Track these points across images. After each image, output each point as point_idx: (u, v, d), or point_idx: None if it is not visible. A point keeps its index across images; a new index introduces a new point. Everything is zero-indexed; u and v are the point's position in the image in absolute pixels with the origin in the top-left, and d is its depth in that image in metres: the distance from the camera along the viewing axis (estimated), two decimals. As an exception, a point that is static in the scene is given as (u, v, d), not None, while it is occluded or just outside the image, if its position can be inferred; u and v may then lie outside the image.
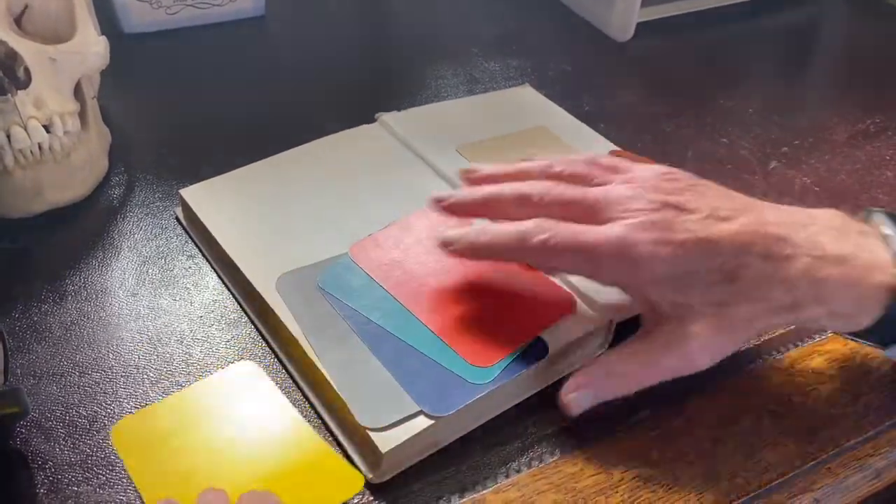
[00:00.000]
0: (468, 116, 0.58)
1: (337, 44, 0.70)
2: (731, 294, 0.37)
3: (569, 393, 0.38)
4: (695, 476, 0.38)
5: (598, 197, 0.39)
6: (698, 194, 0.39)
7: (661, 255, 0.37)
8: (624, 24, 0.70)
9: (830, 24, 0.78)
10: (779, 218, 0.38)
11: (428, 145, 0.53)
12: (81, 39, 0.51)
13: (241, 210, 0.48)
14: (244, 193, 0.49)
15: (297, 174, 0.51)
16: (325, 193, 0.49)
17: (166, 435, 0.38)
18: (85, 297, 0.45)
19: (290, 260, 0.44)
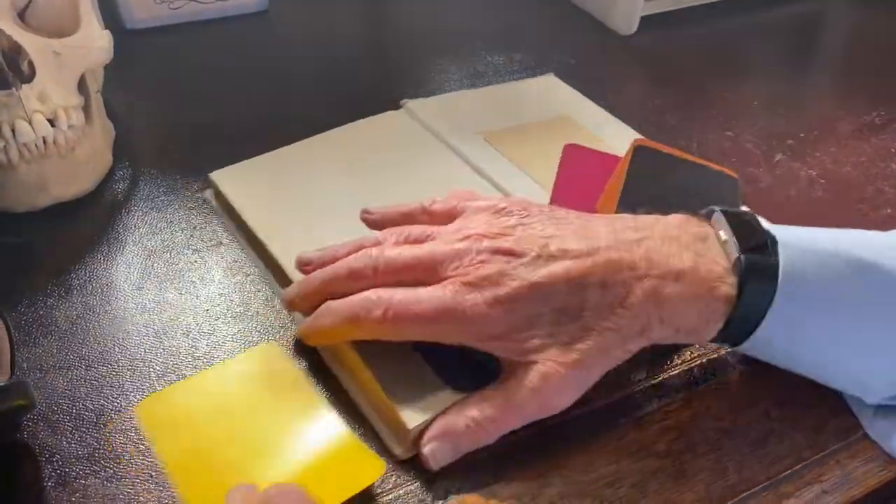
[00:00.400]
0: (493, 104, 0.58)
1: (339, 38, 0.70)
2: (577, 331, 0.36)
3: (425, 445, 0.36)
4: (703, 468, 0.38)
5: (428, 257, 0.38)
6: (527, 231, 0.38)
7: (494, 315, 0.36)
8: (628, 17, 0.70)
9: (835, 16, 0.77)
10: (613, 239, 0.37)
11: (453, 132, 0.54)
12: (85, 34, 0.51)
13: (270, 192, 0.49)
14: (272, 176, 0.50)
15: (324, 158, 0.52)
16: (352, 177, 0.50)
17: (191, 413, 0.39)
18: (90, 291, 0.45)
19: (317, 241, 0.43)
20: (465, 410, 0.37)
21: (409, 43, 0.70)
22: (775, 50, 0.67)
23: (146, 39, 0.68)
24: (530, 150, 0.48)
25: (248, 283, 0.46)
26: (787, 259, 0.36)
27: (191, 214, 0.50)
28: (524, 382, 0.36)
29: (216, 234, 0.49)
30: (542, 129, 0.55)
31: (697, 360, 0.43)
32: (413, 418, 0.37)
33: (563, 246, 0.37)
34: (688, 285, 0.36)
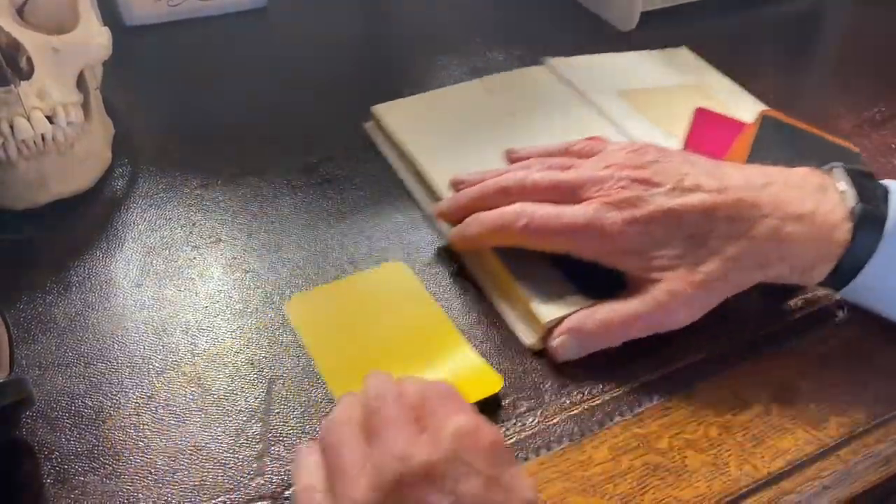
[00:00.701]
0: (630, 67, 0.63)
1: (338, 34, 0.70)
2: (703, 255, 0.40)
3: (555, 338, 0.41)
4: (704, 463, 0.38)
5: (572, 180, 0.42)
6: (665, 167, 0.41)
7: (630, 232, 0.40)
8: (628, 13, 0.70)
9: (835, 12, 0.77)
10: (743, 181, 0.41)
11: (591, 88, 0.59)
12: (84, 30, 0.51)
13: (424, 125, 0.55)
14: (426, 112, 0.56)
15: (472, 101, 0.57)
16: (497, 120, 0.56)
17: (333, 313, 0.44)
18: (90, 288, 0.45)
19: (466, 168, 0.48)
20: (595, 314, 0.41)
21: (407, 39, 0.70)
22: (775, 46, 0.67)
23: (145, 36, 0.67)
24: (663, 110, 0.54)
25: (248, 279, 0.46)
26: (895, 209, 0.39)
27: (190, 211, 0.50)
28: (651, 296, 0.40)
29: (215, 231, 0.49)
30: (674, 93, 0.59)
31: (697, 355, 0.43)
32: (546, 313, 0.41)
33: (697, 182, 0.40)
34: (807, 227, 0.39)
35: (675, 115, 0.56)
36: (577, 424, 0.39)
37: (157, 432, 0.38)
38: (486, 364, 0.41)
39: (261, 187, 0.52)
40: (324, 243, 0.48)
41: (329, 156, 0.55)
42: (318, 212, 0.51)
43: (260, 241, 0.48)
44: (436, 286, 0.46)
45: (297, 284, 0.46)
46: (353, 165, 0.55)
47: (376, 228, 0.49)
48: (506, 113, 0.56)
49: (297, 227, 0.49)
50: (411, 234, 0.49)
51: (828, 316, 0.45)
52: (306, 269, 0.47)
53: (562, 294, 0.43)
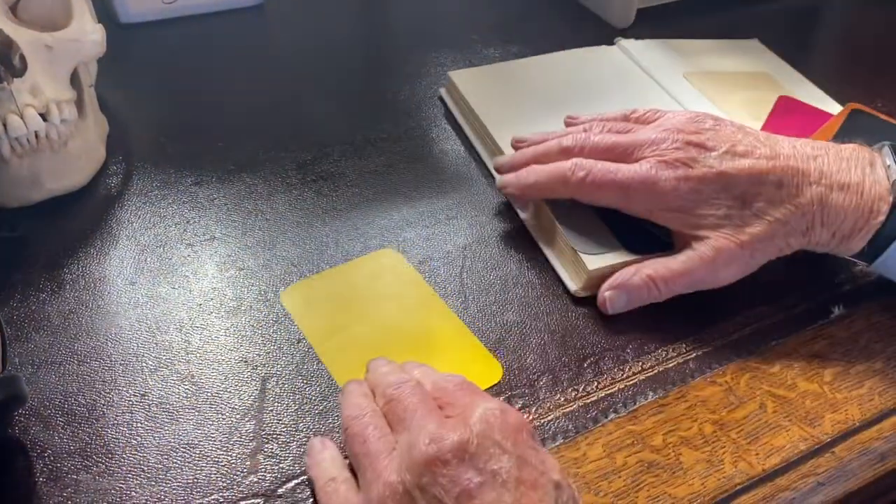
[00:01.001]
0: (698, 52, 0.65)
1: (335, 31, 0.70)
2: (749, 216, 0.41)
3: (604, 292, 0.43)
4: (698, 461, 0.37)
5: (629, 142, 0.45)
6: (720, 133, 0.43)
7: (682, 189, 0.42)
8: (624, 10, 0.70)
9: (831, 10, 0.77)
10: (793, 151, 0.42)
11: (659, 69, 0.62)
12: (78, 27, 0.50)
13: (497, 92, 0.58)
14: (501, 81, 0.59)
15: (544, 73, 0.61)
16: (565, 91, 0.59)
17: (330, 300, 0.44)
18: (83, 286, 0.45)
19: (529, 133, 0.51)
20: (642, 269, 0.43)
21: (404, 37, 0.70)
22: (772, 43, 0.67)
23: (141, 34, 0.67)
24: (728, 93, 0.57)
25: (242, 277, 0.46)
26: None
27: (184, 209, 0.50)
28: (698, 252, 0.42)
29: (209, 229, 0.49)
30: (740, 79, 0.61)
31: (693, 352, 0.43)
32: (592, 262, 0.44)
33: (749, 148, 0.42)
34: (851, 196, 0.41)
35: (741, 98, 0.58)
36: (571, 421, 0.39)
37: (150, 430, 0.38)
38: (487, 352, 0.42)
39: (255, 185, 0.52)
40: (318, 240, 0.48)
41: (324, 153, 0.55)
42: (312, 209, 0.51)
43: (254, 239, 0.48)
44: (432, 283, 0.46)
45: (292, 282, 0.45)
46: (349, 162, 0.54)
47: (371, 225, 0.49)
48: (574, 85, 0.60)
49: (291, 225, 0.49)
50: (406, 231, 0.49)
51: (822, 313, 0.45)
52: (301, 267, 0.46)
53: (606, 246, 0.45)
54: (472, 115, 0.57)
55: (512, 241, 0.49)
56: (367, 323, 0.43)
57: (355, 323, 0.43)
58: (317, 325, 0.43)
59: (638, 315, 0.44)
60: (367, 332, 0.43)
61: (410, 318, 0.44)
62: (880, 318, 0.45)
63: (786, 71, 0.64)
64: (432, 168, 0.54)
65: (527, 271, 0.47)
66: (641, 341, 0.43)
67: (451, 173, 0.54)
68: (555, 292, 0.46)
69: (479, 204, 0.51)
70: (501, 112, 0.56)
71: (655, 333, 0.43)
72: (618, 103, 0.56)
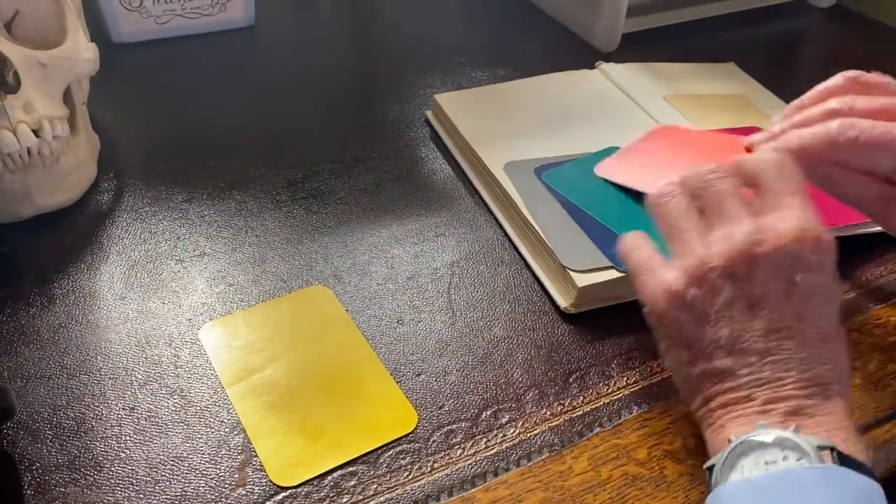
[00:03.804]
0: (677, 75, 0.66)
1: (326, 54, 0.71)
2: None
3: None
4: (682, 474, 0.38)
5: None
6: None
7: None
8: (609, 34, 0.71)
9: (805, 35, 0.79)
10: None
11: (639, 91, 0.63)
12: (71, 45, 0.51)
13: (482, 114, 0.59)
14: (484, 103, 0.61)
15: (527, 96, 0.62)
16: (548, 113, 0.60)
17: (247, 337, 0.43)
18: (73, 301, 0.45)
19: (514, 152, 0.55)
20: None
21: (393, 58, 0.71)
22: (753, 68, 0.68)
23: (133, 53, 0.68)
24: (705, 114, 0.59)
25: (231, 293, 0.46)
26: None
27: (174, 225, 0.51)
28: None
29: (199, 245, 0.49)
30: (718, 100, 0.63)
31: (676, 368, 0.43)
32: (582, 279, 0.45)
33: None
34: None
35: (717, 117, 0.60)
36: (557, 435, 0.40)
37: (138, 443, 0.38)
38: (405, 399, 0.41)
39: (245, 202, 0.53)
40: (307, 257, 0.49)
41: (314, 171, 0.56)
42: (302, 226, 0.51)
43: (244, 255, 0.49)
44: (419, 300, 0.46)
45: (280, 296, 0.46)
46: (338, 181, 0.55)
47: (360, 242, 0.50)
48: (555, 108, 0.61)
49: (281, 241, 0.50)
50: (395, 248, 0.50)
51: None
52: (290, 283, 0.47)
53: (596, 263, 0.46)
54: (457, 136, 0.58)
55: (499, 258, 0.49)
56: (283, 364, 0.42)
57: (271, 364, 0.42)
58: (231, 364, 0.42)
59: (623, 331, 0.45)
60: (282, 375, 0.41)
61: (330, 360, 0.42)
62: (859, 336, 0.46)
63: (761, 93, 0.65)
64: (420, 187, 0.55)
65: (514, 288, 0.48)
66: (626, 357, 0.44)
67: (439, 192, 0.55)
68: (541, 308, 0.46)
69: (467, 222, 0.52)
70: (485, 132, 0.57)
71: (640, 349, 0.44)
72: (599, 125, 0.58)
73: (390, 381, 0.42)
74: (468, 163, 0.57)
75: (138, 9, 0.67)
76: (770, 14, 0.80)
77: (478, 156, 0.55)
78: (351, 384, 0.41)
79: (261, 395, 0.40)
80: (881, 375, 0.43)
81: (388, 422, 0.40)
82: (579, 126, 0.58)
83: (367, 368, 0.42)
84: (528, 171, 0.53)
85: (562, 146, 0.56)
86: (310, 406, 0.40)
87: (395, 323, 0.45)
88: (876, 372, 0.44)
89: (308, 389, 0.41)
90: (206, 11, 0.70)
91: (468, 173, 0.56)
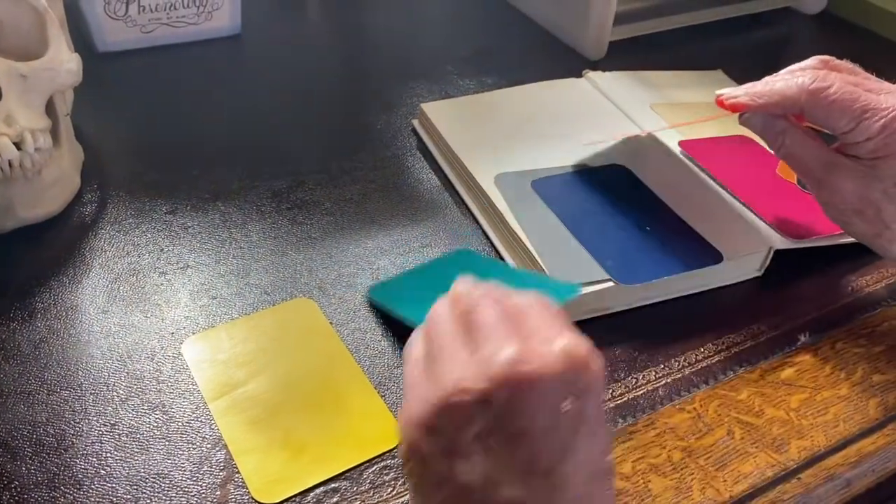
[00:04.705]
0: (664, 83, 0.66)
1: (312, 62, 0.71)
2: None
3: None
4: (667, 488, 0.38)
5: (878, 83, 0.44)
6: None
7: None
8: (597, 42, 0.71)
9: (800, 43, 0.79)
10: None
11: (624, 99, 0.63)
12: (53, 56, 0.51)
13: (469, 123, 0.59)
14: (472, 112, 0.61)
15: (514, 105, 0.62)
16: (535, 122, 0.60)
17: (230, 351, 0.43)
18: (55, 315, 0.45)
19: (502, 161, 0.55)
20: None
21: (380, 68, 0.71)
22: (742, 75, 0.68)
23: (118, 63, 0.68)
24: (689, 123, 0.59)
25: (215, 305, 0.46)
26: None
27: (158, 237, 0.50)
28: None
29: (183, 257, 0.49)
30: (705, 109, 0.62)
31: (661, 380, 0.43)
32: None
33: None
34: None
35: (703, 127, 0.60)
36: (542, 449, 0.39)
37: (119, 460, 0.38)
38: (390, 414, 0.40)
39: (230, 213, 0.53)
40: (292, 269, 0.48)
41: (299, 182, 0.56)
42: (287, 237, 0.51)
43: (228, 267, 0.48)
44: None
45: (263, 309, 0.46)
46: (323, 191, 0.55)
47: (345, 253, 0.50)
48: (542, 116, 0.61)
49: (265, 253, 0.50)
50: (380, 259, 0.49)
51: (789, 341, 0.46)
52: (274, 296, 0.47)
53: (582, 272, 0.45)
54: (444, 145, 0.58)
55: (485, 270, 0.49)
56: (266, 379, 0.41)
57: (254, 378, 0.41)
58: (214, 379, 0.41)
59: (607, 343, 0.45)
60: (265, 389, 0.41)
61: (314, 374, 0.42)
62: (845, 346, 0.46)
63: None
64: (406, 197, 0.55)
65: (499, 299, 0.47)
66: (611, 369, 0.43)
67: (426, 202, 0.55)
68: (527, 320, 0.46)
69: (453, 232, 0.52)
70: (472, 142, 0.57)
71: (625, 361, 0.44)
72: (586, 133, 0.58)
73: (374, 396, 0.41)
74: (455, 172, 0.57)
75: (123, 18, 0.67)
76: (757, 21, 0.80)
77: (465, 165, 0.55)
78: (335, 398, 0.41)
79: (243, 409, 0.40)
80: (866, 386, 0.43)
81: (373, 437, 0.39)
82: (566, 135, 0.58)
83: (352, 382, 0.42)
84: (518, 182, 0.53)
85: (548, 155, 0.56)
86: (293, 421, 0.40)
87: (379, 336, 0.45)
88: (861, 382, 0.44)
89: (291, 404, 0.40)
90: (192, 20, 0.70)
91: (455, 183, 0.56)
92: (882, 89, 0.43)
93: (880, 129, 0.41)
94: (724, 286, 0.49)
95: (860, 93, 0.42)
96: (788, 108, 0.44)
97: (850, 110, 0.42)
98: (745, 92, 0.46)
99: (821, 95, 0.42)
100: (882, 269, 0.51)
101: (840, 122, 0.42)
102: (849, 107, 0.42)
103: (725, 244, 0.48)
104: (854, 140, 0.42)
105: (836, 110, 0.42)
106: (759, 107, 0.45)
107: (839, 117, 0.42)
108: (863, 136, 0.42)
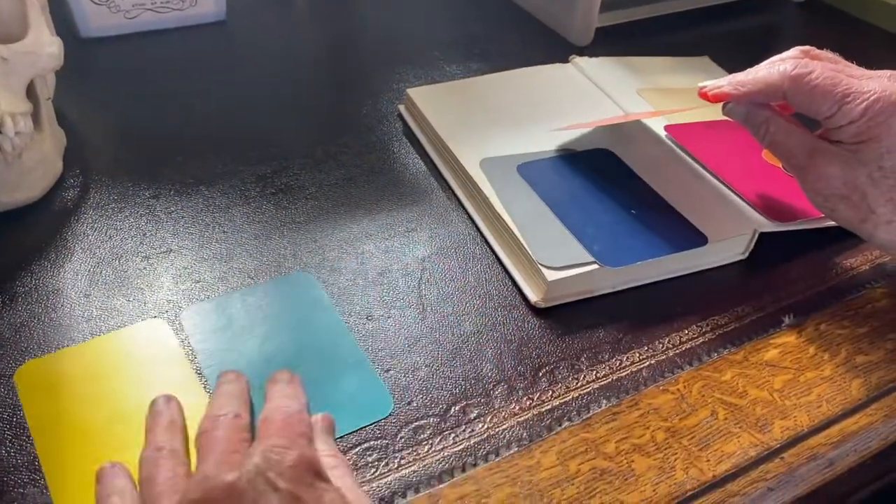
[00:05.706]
0: (651, 69, 0.66)
1: (298, 49, 0.70)
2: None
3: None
4: (650, 467, 0.38)
5: (860, 71, 0.44)
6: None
7: None
8: (584, 29, 0.71)
9: (787, 30, 0.79)
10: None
11: (611, 85, 0.63)
12: (34, 39, 0.50)
13: (455, 108, 0.59)
14: (458, 97, 0.60)
15: (500, 90, 0.62)
16: (521, 108, 0.60)
17: (67, 381, 0.40)
18: (36, 299, 0.44)
19: (489, 147, 0.54)
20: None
21: (366, 53, 0.71)
22: (729, 61, 0.68)
23: (102, 48, 0.67)
24: (676, 107, 0.59)
25: (197, 290, 0.45)
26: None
27: (141, 221, 0.50)
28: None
29: (166, 242, 0.49)
30: (691, 94, 0.62)
31: (645, 361, 0.43)
32: (552, 273, 0.44)
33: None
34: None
35: (690, 113, 0.59)
36: (525, 430, 0.39)
37: (100, 443, 0.37)
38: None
39: (213, 197, 0.52)
40: (276, 253, 0.48)
41: (284, 166, 0.55)
42: (270, 221, 0.51)
43: (211, 252, 0.48)
44: (390, 295, 0.46)
45: (243, 287, 0.45)
46: (308, 176, 0.55)
47: (329, 238, 0.50)
48: (528, 102, 0.60)
49: (249, 237, 0.49)
50: (365, 244, 0.49)
51: (773, 322, 0.46)
52: (258, 279, 0.46)
53: (568, 256, 0.45)
54: (430, 130, 0.57)
55: (471, 253, 0.49)
56: (99, 411, 0.38)
57: (86, 411, 0.38)
58: (42, 412, 0.38)
59: (592, 325, 0.45)
60: (94, 424, 0.38)
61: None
62: (828, 328, 0.46)
63: None
64: (392, 181, 0.55)
65: (485, 283, 0.47)
66: (595, 350, 0.43)
67: (411, 187, 0.54)
68: (512, 303, 0.46)
69: (439, 217, 0.52)
70: (458, 127, 0.57)
71: (609, 343, 0.44)
72: (573, 118, 0.57)
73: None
74: (440, 157, 0.56)
75: (107, 3, 0.66)
76: (744, 8, 0.80)
77: (450, 150, 0.54)
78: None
79: (68, 446, 0.37)
80: (850, 367, 0.43)
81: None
82: (552, 120, 0.58)
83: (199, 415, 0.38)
84: (504, 166, 0.52)
85: (534, 140, 0.55)
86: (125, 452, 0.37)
87: (364, 319, 0.44)
88: (844, 363, 0.44)
89: (122, 437, 0.38)
90: (177, 6, 0.69)
91: (440, 168, 0.56)
92: (864, 75, 0.43)
93: (862, 112, 0.41)
94: (710, 269, 0.49)
95: (842, 77, 0.42)
96: (771, 95, 0.44)
97: (832, 95, 0.42)
98: (727, 82, 0.47)
99: (803, 81, 0.43)
100: (866, 252, 0.51)
101: (822, 107, 0.42)
102: (830, 91, 0.42)
103: (710, 227, 0.48)
104: (837, 124, 0.42)
105: (819, 95, 0.42)
106: (743, 95, 0.46)
107: (821, 102, 0.42)
108: (845, 119, 0.42)
